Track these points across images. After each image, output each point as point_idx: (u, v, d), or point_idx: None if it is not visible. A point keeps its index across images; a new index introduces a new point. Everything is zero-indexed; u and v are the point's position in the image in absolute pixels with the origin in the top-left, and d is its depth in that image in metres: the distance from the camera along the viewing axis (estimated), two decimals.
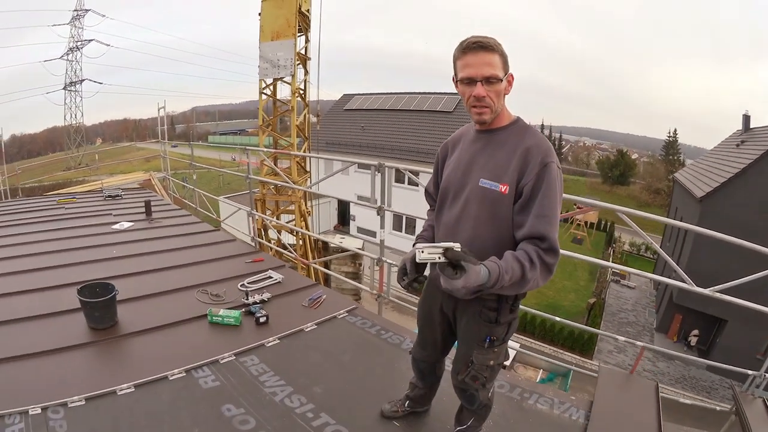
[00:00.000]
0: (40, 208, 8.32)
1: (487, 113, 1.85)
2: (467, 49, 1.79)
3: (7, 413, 2.45)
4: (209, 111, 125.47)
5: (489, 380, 2.09)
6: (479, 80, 1.78)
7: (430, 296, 2.24)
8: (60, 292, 4.09)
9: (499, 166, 1.85)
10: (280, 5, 10.02)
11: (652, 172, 50.61)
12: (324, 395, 2.83)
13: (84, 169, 43.39)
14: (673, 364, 15.70)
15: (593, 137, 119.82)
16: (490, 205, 1.84)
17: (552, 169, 1.76)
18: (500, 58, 1.79)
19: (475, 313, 2.00)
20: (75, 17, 64.32)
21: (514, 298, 1.96)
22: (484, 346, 2.00)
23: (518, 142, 1.85)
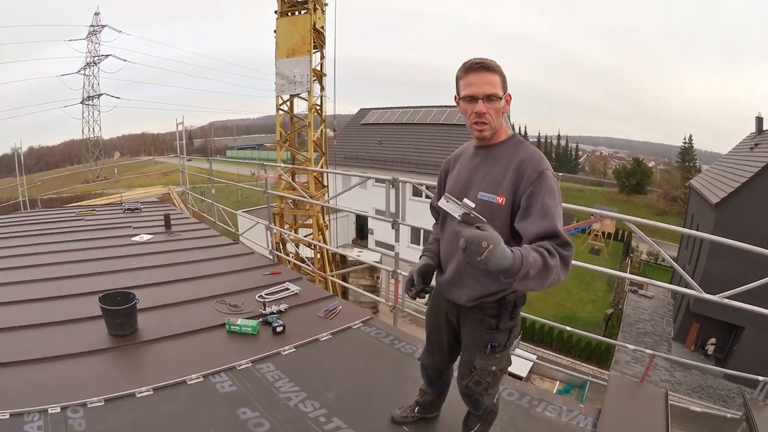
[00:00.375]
0: (61, 220, 8.53)
1: (486, 129, 1.96)
2: (470, 69, 1.92)
3: (27, 411, 2.56)
4: (227, 126, 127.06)
5: (492, 385, 2.16)
6: (480, 98, 1.90)
7: (437, 305, 2.34)
8: (81, 300, 4.23)
9: (495, 180, 1.95)
10: (295, 23, 10.21)
11: (668, 180, 49.98)
12: (337, 401, 2.91)
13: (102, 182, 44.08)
14: (690, 374, 15.50)
15: (610, 146, 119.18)
16: (488, 216, 1.89)
17: (547, 175, 1.85)
18: (500, 78, 1.91)
19: (477, 320, 2.09)
20: (91, 32, 65.47)
21: (513, 305, 2.05)
22: (486, 351, 2.08)
23: (512, 156, 1.95)
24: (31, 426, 2.45)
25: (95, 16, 65.47)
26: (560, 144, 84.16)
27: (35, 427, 2.45)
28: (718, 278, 3.31)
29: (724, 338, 16.44)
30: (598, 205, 38.21)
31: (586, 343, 16.42)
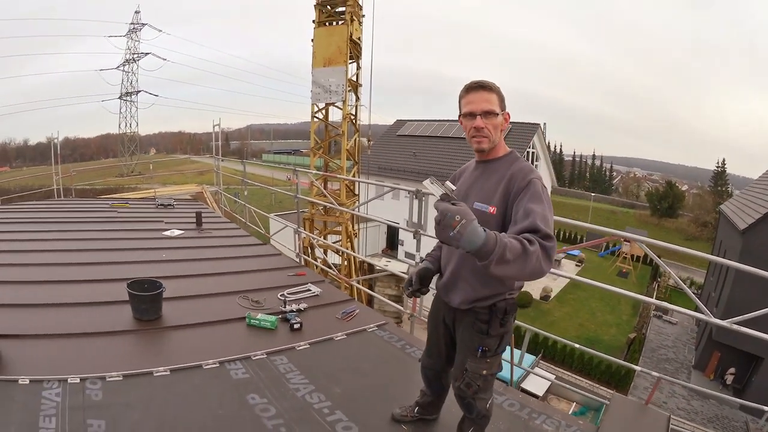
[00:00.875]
0: (95, 210, 8.88)
1: (485, 142, 2.15)
2: (470, 89, 2.15)
3: (46, 379, 2.74)
4: (264, 129, 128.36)
5: (482, 389, 2.27)
6: (478, 114, 2.10)
7: (436, 309, 2.50)
8: (109, 285, 4.46)
9: (489, 191, 2.12)
10: (332, 33, 10.44)
11: (700, 204, 48.96)
12: (342, 395, 3.04)
13: (137, 176, 45.13)
14: (708, 403, 15.25)
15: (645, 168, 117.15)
16: (482, 225, 2.05)
17: (534, 183, 2.01)
18: (497, 97, 2.12)
19: (469, 323, 2.23)
20: (131, 30, 67.18)
21: (503, 312, 2.18)
22: (477, 355, 2.21)
23: (506, 170, 2.12)
24: (50, 392, 2.63)
25: (135, 14, 67.17)
26: (594, 164, 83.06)
27: (53, 393, 2.62)
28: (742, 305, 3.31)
29: (743, 368, 16.17)
30: (629, 227, 37.57)
31: (606, 366, 16.25)
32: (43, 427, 2.34)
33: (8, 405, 2.49)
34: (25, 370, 2.82)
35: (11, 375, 2.76)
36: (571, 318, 21.56)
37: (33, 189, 20.24)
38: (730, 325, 3.48)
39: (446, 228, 1.63)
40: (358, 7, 10.64)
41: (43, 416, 2.42)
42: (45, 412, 2.45)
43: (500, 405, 3.21)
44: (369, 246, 22.37)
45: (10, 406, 2.48)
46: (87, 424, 2.43)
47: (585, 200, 54.75)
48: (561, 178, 66.58)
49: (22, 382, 2.70)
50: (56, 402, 2.56)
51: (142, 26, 67.43)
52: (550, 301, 23.07)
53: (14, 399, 2.55)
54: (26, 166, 77.60)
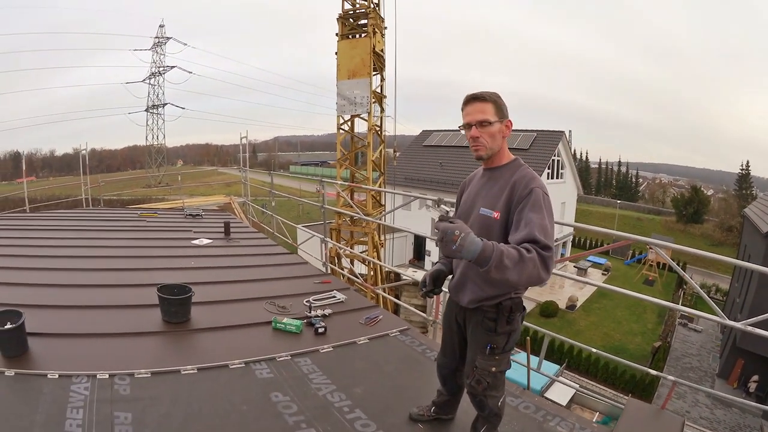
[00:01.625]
0: (124, 219, 9.15)
1: (482, 150, 2.29)
2: (466, 101, 2.29)
3: (76, 374, 2.90)
4: (291, 141, 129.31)
5: (492, 386, 2.37)
6: (474, 124, 2.24)
7: (449, 309, 2.63)
8: (139, 290, 4.66)
9: (494, 197, 2.26)
10: (356, 45, 10.62)
11: (725, 209, 47.96)
12: (362, 395, 3.17)
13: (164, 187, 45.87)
14: (730, 412, 14.97)
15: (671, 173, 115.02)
16: (486, 229, 2.22)
17: (536, 192, 2.12)
18: (493, 106, 2.24)
19: (478, 322, 2.36)
20: (156, 44, 68.57)
21: (509, 310, 2.29)
22: (486, 352, 2.32)
23: (510, 177, 2.25)
24: (78, 386, 2.79)
25: (160, 28, 68.60)
26: (621, 171, 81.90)
27: (82, 387, 2.78)
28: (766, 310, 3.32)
29: (767, 376, 15.81)
30: (655, 234, 37.00)
31: (631, 375, 16.06)
32: (70, 418, 2.47)
33: (37, 396, 2.64)
34: (54, 366, 2.98)
35: (41, 369, 2.92)
36: (596, 327, 21.32)
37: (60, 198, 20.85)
38: (744, 327, 3.49)
39: (449, 243, 1.88)
40: (380, 19, 10.84)
41: (71, 408, 2.56)
42: (73, 404, 2.60)
43: (516, 407, 3.28)
44: (396, 256, 22.46)
45: (38, 398, 2.63)
46: (114, 416, 2.57)
47: (611, 207, 54.01)
48: (587, 185, 65.83)
49: (51, 376, 2.86)
50: (84, 395, 2.71)
51: (167, 40, 68.87)
52: (576, 310, 22.83)
53: (42, 391, 2.70)
54: (52, 176, 79.41)
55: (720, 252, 36.09)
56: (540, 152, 25.48)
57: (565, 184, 28.69)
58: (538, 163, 24.54)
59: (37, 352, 3.14)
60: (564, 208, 28.83)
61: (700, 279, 30.58)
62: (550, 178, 25.84)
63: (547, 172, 25.37)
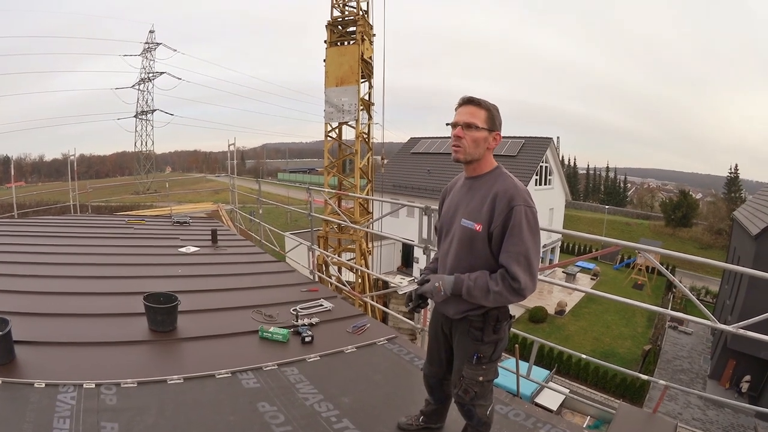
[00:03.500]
0: (111, 226, 9.08)
1: (460, 152, 2.26)
2: (460, 103, 2.29)
3: (62, 383, 2.87)
4: (280, 149, 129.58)
5: (480, 396, 2.35)
6: (460, 124, 2.22)
7: (435, 319, 2.61)
8: (126, 298, 4.61)
9: (475, 209, 2.23)
10: (344, 53, 10.63)
11: (714, 212, 48.53)
12: (350, 405, 3.13)
13: (153, 194, 45.66)
14: (723, 413, 15.13)
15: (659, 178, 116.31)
16: (468, 241, 2.22)
17: (518, 211, 2.10)
18: (486, 114, 2.23)
19: (464, 331, 2.34)
20: (146, 49, 68.52)
21: (495, 319, 2.28)
22: (473, 362, 2.30)
23: (491, 187, 2.22)
24: (65, 396, 2.75)
25: (150, 33, 68.59)
26: (609, 176, 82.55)
27: (69, 397, 2.75)
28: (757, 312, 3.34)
29: (759, 375, 16.01)
30: (643, 238, 37.30)
31: (621, 379, 16.11)
32: (56, 428, 2.44)
33: (24, 405, 2.60)
34: (41, 375, 2.94)
35: (27, 378, 2.88)
36: (586, 332, 21.40)
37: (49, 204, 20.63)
38: (736, 330, 3.49)
39: (437, 294, 2.28)
40: (368, 26, 10.85)
41: (58, 417, 2.53)
42: (59, 414, 2.56)
43: (505, 415, 3.26)
44: (384, 263, 22.42)
45: (25, 407, 2.59)
46: (100, 426, 2.53)
47: (600, 213, 54.34)
48: (575, 191, 66.28)
49: (38, 385, 2.82)
50: (71, 405, 2.67)
51: (157, 45, 68.83)
52: (566, 315, 22.91)
53: (29, 401, 2.66)
54: (41, 181, 79.05)
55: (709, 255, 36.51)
56: (528, 159, 25.63)
57: (554, 190, 28.88)
58: (526, 170, 24.67)
59: (24, 360, 3.10)
60: (552, 214, 29.02)
61: (690, 282, 30.87)
62: (538, 185, 26.00)
63: (535, 179, 25.53)
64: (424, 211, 5.04)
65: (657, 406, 4.22)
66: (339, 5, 10.90)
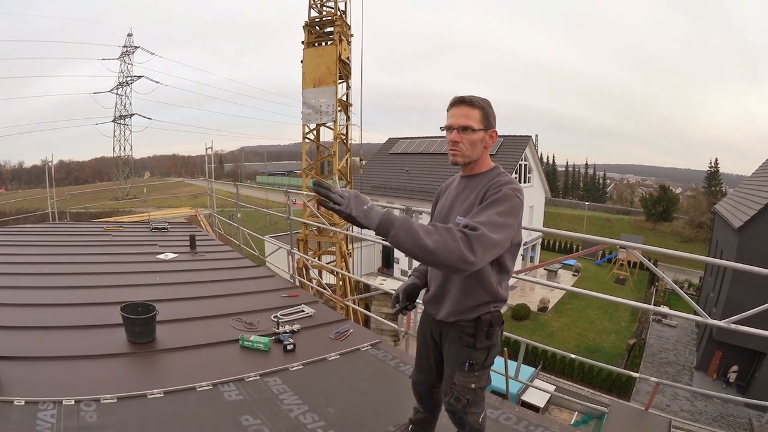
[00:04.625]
0: (88, 233, 8.88)
1: (459, 156, 2.19)
2: (452, 103, 2.18)
3: (42, 400, 2.75)
4: (258, 151, 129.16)
5: (472, 403, 2.26)
6: (456, 128, 2.13)
7: (424, 324, 2.52)
8: (103, 309, 4.47)
9: (469, 205, 2.14)
10: (321, 53, 10.54)
11: (695, 206, 49.33)
12: (336, 415, 3.05)
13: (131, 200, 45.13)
14: (712, 403, 15.34)
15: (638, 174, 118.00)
16: None
17: (504, 190, 2.01)
18: (480, 113, 2.14)
19: (456, 337, 2.25)
20: (124, 53, 67.77)
21: (488, 324, 2.20)
22: (465, 369, 2.21)
23: (486, 184, 2.14)
24: (45, 413, 2.64)
25: (128, 36, 67.81)
26: (588, 173, 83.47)
27: (48, 415, 2.63)
28: (741, 304, 3.34)
29: (746, 365, 16.29)
30: (624, 234, 37.79)
31: (607, 373, 16.25)
32: None
33: (3, 425, 2.50)
34: (20, 392, 2.83)
35: (7, 396, 2.77)
36: (569, 328, 21.56)
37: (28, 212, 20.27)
38: (728, 326, 3.47)
39: (361, 202, 1.78)
40: (346, 26, 10.76)
41: None
42: None
43: (496, 419, 3.21)
44: (364, 265, 22.37)
45: (5, 427, 2.49)
46: None
47: (580, 210, 54.90)
48: (555, 188, 66.85)
49: (18, 403, 2.71)
50: (51, 423, 2.57)
51: (135, 49, 68.09)
52: (548, 312, 23.06)
53: (10, 419, 2.56)
54: (21, 188, 78.06)
55: (690, 248, 37.05)
56: (507, 157, 25.73)
57: (533, 188, 29.06)
58: (505, 169, 24.65)
59: (2, 376, 2.97)
60: (532, 212, 29.21)
61: (672, 275, 31.30)
62: None
63: (515, 177, 25.51)
64: (405, 212, 4.96)
65: (650, 403, 4.20)
66: (317, 5, 10.79)
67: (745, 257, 14.49)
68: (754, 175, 22.70)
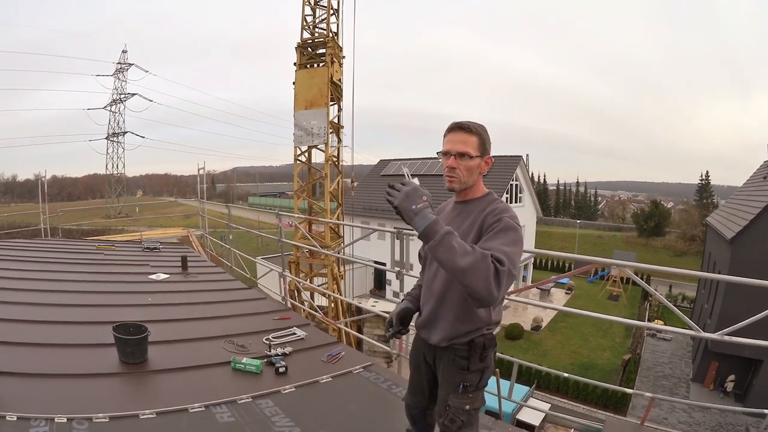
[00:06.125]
0: (80, 251, 8.84)
1: (455, 182, 2.20)
2: (450, 129, 2.20)
3: (34, 417, 2.73)
4: (250, 172, 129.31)
5: (466, 424, 2.26)
6: (453, 154, 2.15)
7: (417, 347, 2.52)
8: (95, 328, 4.46)
9: (464, 232, 2.14)
10: (313, 75, 10.62)
11: (686, 220, 49.68)
12: None
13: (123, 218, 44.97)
14: (709, 414, 15.32)
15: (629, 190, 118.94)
16: None
17: (505, 220, 2.03)
18: (478, 139, 2.16)
19: (450, 360, 2.26)
20: (118, 70, 67.81)
21: (482, 347, 2.21)
22: (459, 391, 2.22)
23: (482, 211, 2.16)
24: (37, 430, 2.63)
25: (123, 53, 67.93)
26: (579, 191, 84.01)
27: (40, 431, 2.62)
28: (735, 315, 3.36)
29: (743, 374, 16.28)
30: (617, 251, 37.86)
31: (603, 390, 16.20)
32: None
33: None
34: (12, 407, 2.81)
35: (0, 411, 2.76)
36: (563, 346, 21.52)
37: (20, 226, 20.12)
38: (721, 338, 3.49)
39: (411, 201, 1.83)
40: (338, 48, 10.87)
41: None
42: None
43: None
44: (357, 286, 22.35)
45: None
46: None
47: (571, 228, 55.10)
48: (546, 207, 67.17)
49: (10, 418, 2.70)
50: None
51: (129, 66, 68.19)
52: (542, 330, 23.02)
53: None
54: (14, 202, 77.69)
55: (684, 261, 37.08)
56: (498, 178, 25.85)
57: (524, 208, 29.18)
58: (496, 189, 24.88)
59: None
60: (524, 232, 29.23)
61: (665, 290, 31.42)
62: (509, 203, 26.10)
63: (506, 197, 25.72)
64: (396, 235, 4.98)
65: (644, 418, 4.20)
66: (309, 27, 10.92)
67: (738, 268, 14.59)
68: (745, 185, 22.89)
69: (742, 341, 3.47)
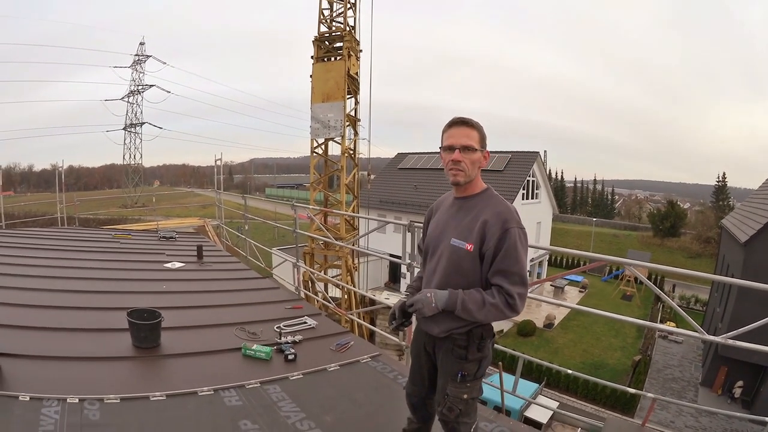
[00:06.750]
0: (97, 239, 9.03)
1: (461, 176, 2.27)
2: (452, 124, 2.28)
3: (46, 397, 2.83)
4: (267, 164, 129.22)
5: (464, 413, 2.33)
6: (458, 147, 2.22)
7: (418, 337, 2.60)
8: (110, 313, 4.59)
9: (466, 229, 2.24)
10: (330, 69, 10.66)
11: (702, 221, 49.09)
12: (332, 423, 3.12)
13: (140, 208, 45.42)
14: (716, 419, 15.22)
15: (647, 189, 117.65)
16: (458, 260, 2.23)
17: (512, 233, 2.14)
18: (478, 134, 2.26)
19: (448, 350, 2.34)
20: (136, 62, 68.18)
21: (480, 337, 2.29)
22: (457, 380, 2.30)
23: (483, 209, 2.24)
24: (49, 410, 2.72)
25: (140, 45, 68.27)
26: (596, 189, 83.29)
27: (52, 411, 2.71)
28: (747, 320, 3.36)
29: (751, 380, 16.12)
30: (631, 250, 37.54)
31: (612, 390, 16.14)
32: None
33: (7, 419, 2.58)
34: (25, 388, 2.90)
35: (12, 391, 2.85)
36: (575, 344, 21.46)
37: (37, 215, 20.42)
38: (725, 341, 3.50)
39: (427, 307, 2.21)
40: (355, 42, 10.90)
41: (42, 431, 2.51)
42: (43, 428, 2.53)
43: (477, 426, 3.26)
44: (371, 279, 22.39)
45: (9, 420, 2.57)
46: None
47: (587, 225, 54.71)
48: (563, 204, 66.73)
49: (23, 398, 2.79)
50: (55, 419, 2.64)
51: (147, 58, 68.61)
52: (554, 328, 22.96)
53: (14, 413, 2.64)
54: (30, 191, 78.71)
55: (698, 263, 36.65)
56: (515, 173, 25.77)
57: (541, 204, 29.05)
58: (513, 184, 24.81)
59: (8, 372, 3.06)
60: (540, 228, 29.15)
61: (680, 291, 31.14)
62: (525, 199, 26.10)
63: (522, 193, 25.62)
64: (408, 227, 5.05)
65: (646, 419, 4.23)
66: (326, 21, 10.97)
67: (751, 271, 14.40)
68: (761, 188, 22.57)
69: (748, 346, 3.48)
